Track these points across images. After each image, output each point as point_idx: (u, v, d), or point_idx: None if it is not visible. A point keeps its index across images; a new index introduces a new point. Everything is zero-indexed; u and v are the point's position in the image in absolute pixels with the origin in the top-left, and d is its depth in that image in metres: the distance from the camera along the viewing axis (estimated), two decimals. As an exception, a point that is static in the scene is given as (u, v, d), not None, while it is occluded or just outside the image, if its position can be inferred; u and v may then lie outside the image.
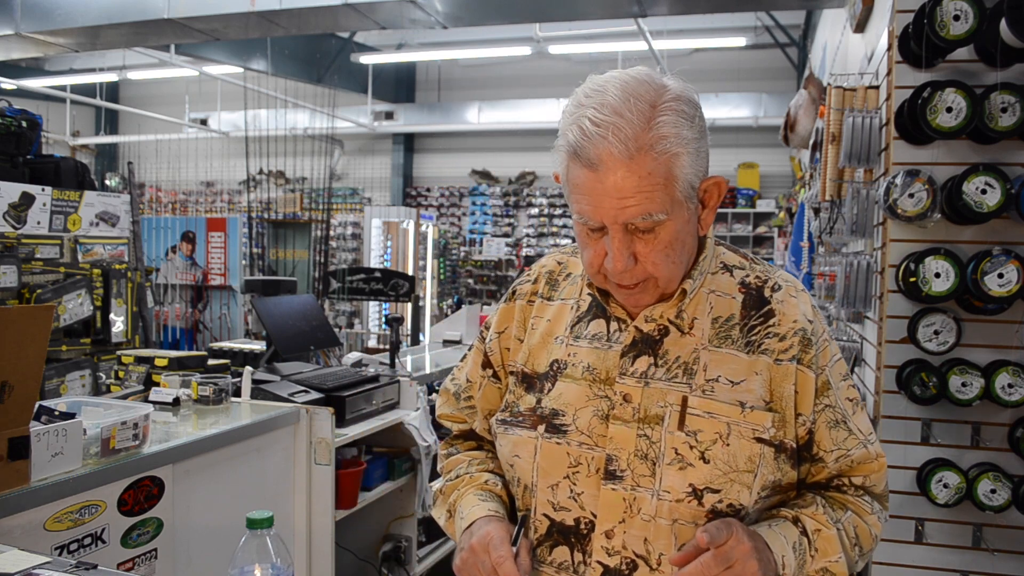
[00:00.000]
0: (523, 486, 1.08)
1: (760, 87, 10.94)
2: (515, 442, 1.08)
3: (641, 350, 1.04)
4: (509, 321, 1.18)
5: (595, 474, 1.02)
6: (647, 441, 1.00)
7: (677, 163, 0.93)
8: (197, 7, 5.70)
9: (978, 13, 2.04)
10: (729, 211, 11.49)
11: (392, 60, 12.40)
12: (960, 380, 2.18)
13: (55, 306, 3.40)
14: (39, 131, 3.62)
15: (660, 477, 0.99)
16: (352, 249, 11.09)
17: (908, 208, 2.19)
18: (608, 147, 0.90)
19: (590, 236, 0.99)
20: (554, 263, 1.19)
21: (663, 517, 0.99)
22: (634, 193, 0.92)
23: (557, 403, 1.06)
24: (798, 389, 1.03)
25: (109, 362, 3.59)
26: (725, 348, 1.03)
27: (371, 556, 3.02)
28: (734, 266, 1.10)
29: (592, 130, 0.91)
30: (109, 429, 1.81)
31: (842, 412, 1.06)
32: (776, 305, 1.05)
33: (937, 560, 2.28)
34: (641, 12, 5.46)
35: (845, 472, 1.08)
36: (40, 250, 3.42)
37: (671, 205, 0.94)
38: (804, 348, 1.03)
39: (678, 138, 0.92)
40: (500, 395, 1.19)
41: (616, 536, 1.00)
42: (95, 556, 1.74)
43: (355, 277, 5.19)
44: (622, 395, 1.03)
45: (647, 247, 0.96)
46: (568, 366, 1.07)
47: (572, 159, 0.94)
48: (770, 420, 1.01)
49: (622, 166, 0.91)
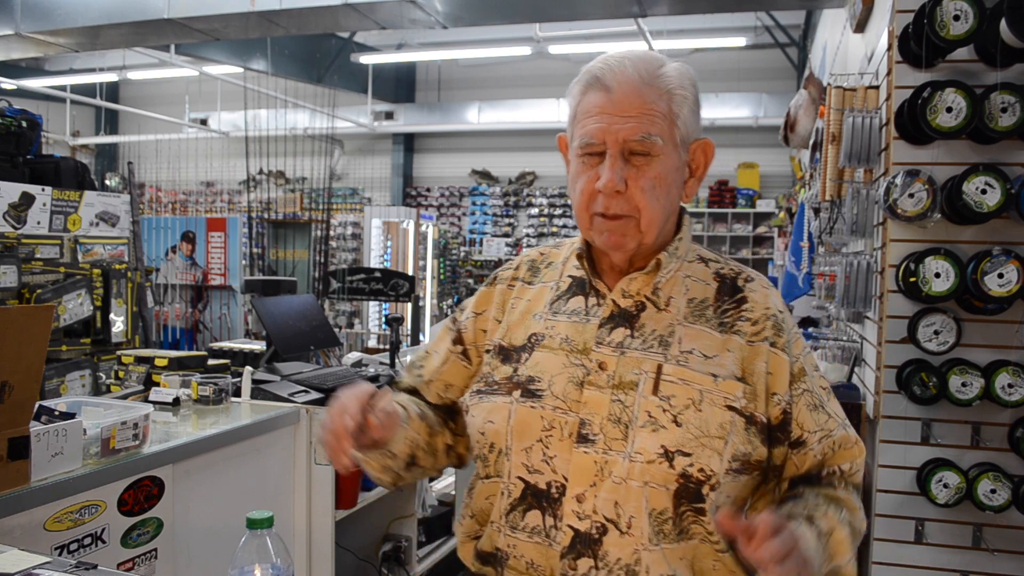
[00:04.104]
0: (497, 450, 1.09)
1: (760, 87, 10.94)
2: (489, 408, 1.10)
3: (618, 323, 1.09)
4: (488, 304, 1.21)
5: (568, 438, 1.04)
6: (620, 406, 1.03)
7: (677, 103, 1.06)
8: (197, 7, 5.70)
9: (978, 13, 2.04)
10: (729, 211, 11.49)
11: (392, 60, 12.40)
12: (960, 380, 2.18)
13: (55, 306, 3.40)
14: (39, 131, 3.62)
15: (632, 440, 1.02)
16: (352, 249, 11.07)
17: (908, 208, 2.19)
18: (625, 72, 1.05)
19: (586, 164, 1.06)
20: (537, 253, 1.25)
21: (634, 479, 1.01)
22: (639, 113, 1.03)
23: (533, 371, 1.09)
24: (772, 370, 1.07)
25: (109, 362, 3.58)
26: (699, 325, 1.08)
27: (371, 556, 3.02)
28: (709, 259, 1.16)
29: (613, 62, 1.06)
30: (109, 429, 1.81)
31: (819, 397, 1.10)
32: (749, 293, 1.11)
33: (937, 560, 2.28)
34: (641, 12, 5.46)
35: (829, 458, 1.10)
36: (40, 250, 3.42)
37: (667, 137, 1.05)
38: (777, 332, 1.08)
39: (681, 87, 1.07)
40: (465, 376, 1.22)
41: (587, 500, 1.02)
42: (95, 556, 1.74)
43: (355, 277, 5.19)
44: (598, 363, 1.06)
45: (638, 175, 1.04)
46: (546, 338, 1.11)
47: (590, 87, 1.06)
48: (741, 391, 1.04)
49: (634, 89, 1.04)
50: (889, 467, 2.33)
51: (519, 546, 1.06)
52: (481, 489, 1.13)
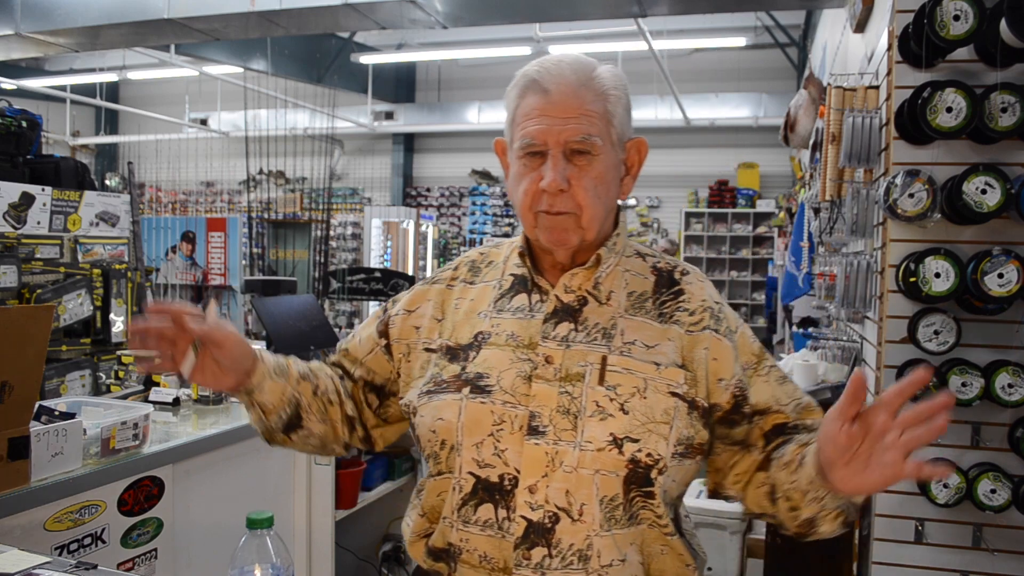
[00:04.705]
0: (449, 447, 1.10)
1: (760, 87, 10.93)
2: (438, 406, 1.11)
3: (562, 317, 1.12)
4: (422, 302, 1.24)
5: (519, 431, 1.06)
6: (568, 397, 1.06)
7: (613, 104, 1.10)
8: (197, 7, 5.70)
9: (978, 13, 2.04)
10: (729, 211, 11.48)
11: (392, 60, 12.39)
12: (960, 380, 2.18)
13: (55, 306, 3.40)
14: (39, 131, 3.61)
15: (582, 429, 1.05)
16: (352, 249, 11.07)
17: (908, 208, 2.19)
18: (562, 74, 1.09)
19: (528, 166, 1.10)
20: (477, 254, 1.28)
21: (585, 467, 1.04)
22: (578, 114, 1.07)
23: (481, 368, 1.11)
24: (716, 356, 1.12)
25: (109, 362, 3.58)
26: (640, 317, 1.13)
27: (371, 556, 3.02)
28: (646, 254, 1.21)
29: (550, 64, 1.11)
30: (109, 429, 1.81)
31: (783, 370, 1.18)
32: (685, 286, 1.17)
33: (937, 560, 2.28)
34: (641, 12, 5.46)
35: (800, 417, 1.16)
36: (40, 250, 3.42)
37: (605, 136, 1.09)
38: (715, 321, 1.14)
39: (615, 88, 1.11)
40: (387, 369, 1.24)
41: (539, 490, 1.04)
42: (95, 556, 1.74)
43: (355, 277, 5.20)
44: (544, 357, 1.09)
45: (580, 174, 1.08)
46: (492, 335, 1.14)
47: (528, 90, 1.10)
48: (683, 377, 1.09)
49: (571, 90, 1.08)
50: (889, 467, 2.32)
51: (472, 539, 1.08)
52: (432, 487, 1.14)
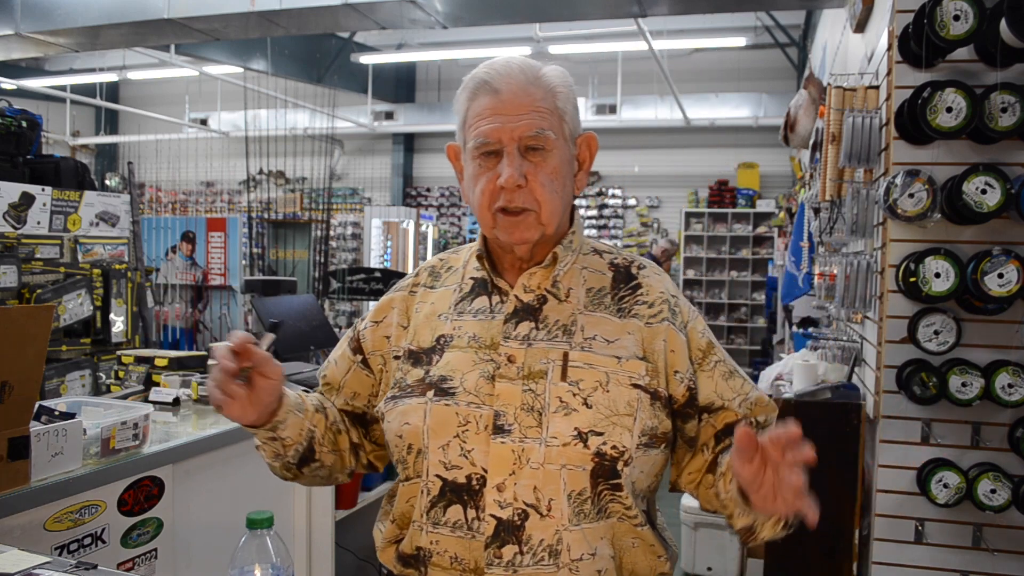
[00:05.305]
0: (415, 451, 1.10)
1: (760, 87, 10.92)
2: (404, 411, 1.11)
3: (522, 317, 1.13)
4: (388, 311, 1.25)
5: (484, 431, 1.07)
6: (532, 394, 1.07)
7: (562, 100, 1.13)
8: (197, 7, 5.69)
9: (978, 13, 2.04)
10: (729, 211, 11.47)
11: (392, 60, 12.38)
12: (960, 380, 2.18)
13: (55, 306, 3.40)
14: (39, 131, 3.61)
15: (547, 426, 1.06)
16: (352, 249, 11.06)
17: (908, 208, 2.19)
18: (511, 74, 1.11)
19: (483, 166, 1.11)
20: (436, 260, 1.30)
21: (552, 463, 1.05)
22: (529, 111, 1.09)
23: (444, 371, 1.12)
24: (673, 348, 1.13)
25: (109, 362, 3.58)
26: (599, 312, 1.14)
27: (371, 556, 3.02)
28: (603, 251, 1.23)
29: (498, 65, 1.13)
30: (109, 429, 1.81)
31: (731, 365, 1.18)
32: (643, 280, 1.19)
33: (937, 560, 2.29)
34: (641, 12, 5.46)
35: (750, 414, 1.16)
36: (40, 250, 3.42)
37: (558, 131, 1.11)
38: (672, 313, 1.16)
39: (563, 85, 1.14)
40: (368, 384, 1.24)
41: (507, 488, 1.05)
42: (95, 556, 1.74)
43: (355, 277, 5.20)
44: (507, 356, 1.10)
45: (535, 169, 1.09)
46: (454, 338, 1.15)
47: (479, 92, 1.12)
48: (644, 369, 1.11)
49: (521, 88, 1.10)
50: (889, 467, 2.33)
51: (442, 541, 1.08)
52: (403, 492, 1.14)
